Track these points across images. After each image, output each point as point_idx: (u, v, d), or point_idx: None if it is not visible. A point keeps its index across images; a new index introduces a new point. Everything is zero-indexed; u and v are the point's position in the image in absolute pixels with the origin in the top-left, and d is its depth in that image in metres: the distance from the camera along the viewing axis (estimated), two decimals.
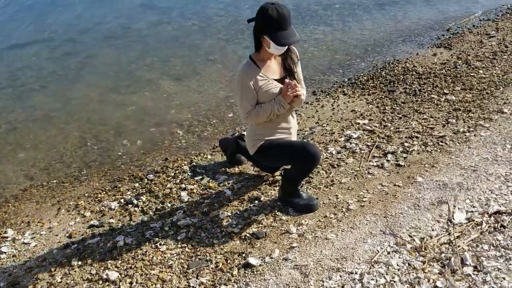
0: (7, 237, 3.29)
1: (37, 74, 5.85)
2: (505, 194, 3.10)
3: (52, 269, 2.87)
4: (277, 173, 3.62)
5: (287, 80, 2.96)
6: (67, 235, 3.24)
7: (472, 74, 5.09)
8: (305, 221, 3.11)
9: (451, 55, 5.73)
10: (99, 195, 3.69)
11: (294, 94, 2.94)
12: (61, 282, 2.76)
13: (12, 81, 5.71)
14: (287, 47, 2.87)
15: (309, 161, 2.99)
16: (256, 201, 3.36)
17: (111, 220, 3.34)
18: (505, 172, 3.33)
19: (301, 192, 3.26)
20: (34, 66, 6.06)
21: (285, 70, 3.05)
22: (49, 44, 6.79)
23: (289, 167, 3.21)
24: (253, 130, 3.18)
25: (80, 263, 2.91)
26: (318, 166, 3.72)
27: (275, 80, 3.00)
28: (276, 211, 3.24)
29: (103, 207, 3.51)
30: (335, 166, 3.72)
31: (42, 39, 6.96)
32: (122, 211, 3.45)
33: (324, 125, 4.42)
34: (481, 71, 5.15)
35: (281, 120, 3.11)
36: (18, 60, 6.24)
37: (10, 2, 8.72)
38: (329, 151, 3.94)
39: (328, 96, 5.03)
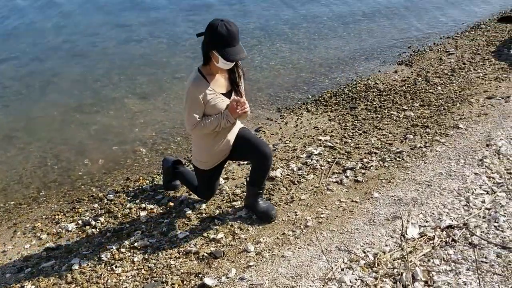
0: None
1: (0, 93, 5.76)
2: (457, 209, 3.18)
3: None
4: (239, 191, 3.64)
5: (235, 97, 3.07)
6: (22, 258, 3.18)
7: (430, 91, 5.24)
8: (263, 239, 3.12)
9: (411, 72, 5.88)
10: (57, 217, 3.63)
11: (242, 112, 3.05)
12: None
13: None
14: (234, 62, 2.97)
15: (261, 160, 3.17)
16: (216, 220, 3.36)
17: (68, 242, 3.30)
18: (458, 187, 3.42)
19: (263, 198, 3.38)
20: None
21: (231, 84, 3.15)
22: (14, 63, 6.70)
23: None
24: (198, 142, 3.27)
25: (33, 287, 2.85)
26: (279, 183, 3.75)
27: (222, 94, 3.09)
28: (235, 229, 3.25)
29: (60, 229, 3.46)
30: (296, 182, 3.76)
31: (8, 58, 6.86)
32: (80, 232, 3.40)
33: (287, 142, 4.47)
34: (439, 88, 5.30)
35: (227, 131, 3.21)
36: None
37: None
38: (290, 168, 3.97)
39: (292, 113, 5.09)
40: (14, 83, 6.04)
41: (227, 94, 3.10)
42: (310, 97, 5.50)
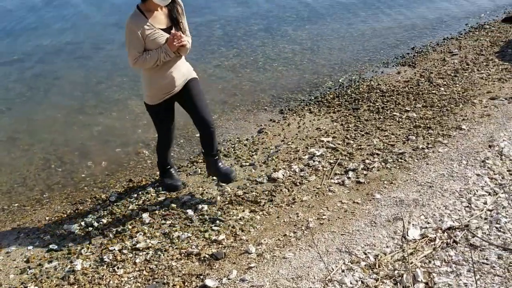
0: None
1: (4, 95, 5.80)
2: (458, 210, 3.17)
3: None
4: (241, 192, 3.65)
5: (173, 31, 3.22)
6: (25, 259, 3.20)
7: (433, 92, 5.23)
8: (265, 240, 3.13)
9: (415, 73, 5.87)
10: (60, 218, 3.66)
11: (179, 45, 3.20)
12: None
13: None
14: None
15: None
16: (218, 221, 3.37)
17: (70, 244, 3.31)
18: (460, 188, 3.41)
19: (222, 161, 3.64)
20: (1, 88, 6.01)
21: (171, 20, 3.29)
22: (19, 66, 6.74)
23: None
24: (143, 76, 3.45)
25: None
26: (281, 184, 3.76)
27: (162, 29, 3.24)
28: (237, 230, 3.26)
29: (63, 231, 3.48)
30: (298, 184, 3.77)
31: (12, 60, 6.91)
32: (82, 234, 3.42)
33: (290, 143, 4.48)
34: (442, 89, 5.29)
35: (169, 65, 3.34)
36: None
37: None
38: (292, 169, 3.98)
39: (295, 115, 5.10)
40: (18, 86, 6.08)
41: (167, 30, 3.24)
42: (312, 98, 5.50)
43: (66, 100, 5.65)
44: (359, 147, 4.24)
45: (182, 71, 3.45)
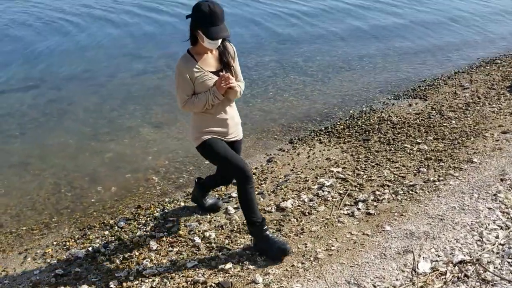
0: None
1: (18, 120, 5.89)
2: (470, 243, 3.12)
3: None
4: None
5: (221, 73, 3.13)
6: (31, 284, 3.18)
7: (444, 124, 5.22)
8: (272, 270, 3.09)
9: (426, 105, 5.88)
10: (68, 243, 3.65)
11: (227, 86, 3.11)
12: None
13: None
14: (220, 41, 3.08)
15: (240, 178, 3.17)
16: (225, 250, 3.35)
17: (77, 269, 3.29)
18: (471, 221, 3.36)
19: (271, 236, 3.27)
20: (16, 113, 6.11)
21: (221, 63, 3.23)
22: (34, 91, 6.87)
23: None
24: (193, 120, 3.34)
25: None
26: (290, 213, 3.74)
27: (211, 72, 3.17)
28: (244, 259, 3.22)
29: (70, 256, 3.47)
30: (307, 214, 3.74)
31: (28, 86, 7.04)
32: (89, 259, 3.40)
33: (299, 172, 4.47)
34: (453, 122, 5.28)
35: (219, 110, 3.26)
36: (1, 107, 6.29)
37: None
38: (301, 199, 3.96)
39: (304, 144, 5.10)
40: (32, 111, 6.18)
41: (217, 73, 3.18)
42: (323, 128, 5.51)
43: (79, 126, 5.72)
44: (369, 178, 4.22)
45: (235, 121, 3.35)
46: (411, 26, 9.85)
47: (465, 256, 2.99)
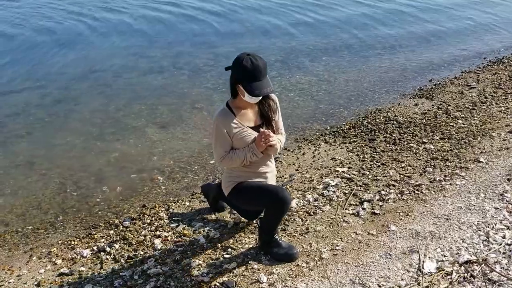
0: None
1: (24, 120, 5.92)
2: (476, 243, 3.09)
3: None
4: (255, 220, 3.61)
5: (261, 129, 3.00)
6: (36, 283, 3.19)
7: (451, 124, 5.18)
8: (277, 270, 3.08)
9: (432, 105, 5.84)
10: (73, 242, 3.66)
11: (267, 145, 2.97)
12: None
13: None
14: (260, 97, 2.94)
15: (278, 206, 2.99)
16: (230, 249, 3.34)
17: (82, 268, 3.30)
18: (477, 221, 3.33)
19: (280, 241, 3.23)
20: (23, 113, 6.14)
21: (262, 118, 3.10)
22: (40, 91, 6.89)
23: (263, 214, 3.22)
24: (229, 173, 3.22)
25: None
26: (294, 213, 3.72)
27: (251, 127, 3.05)
28: (248, 259, 3.22)
29: (75, 255, 3.48)
30: (311, 213, 3.72)
31: (34, 86, 7.07)
32: (94, 258, 3.41)
33: (304, 172, 4.45)
34: (460, 121, 5.24)
35: (257, 165, 3.14)
36: (7, 107, 6.32)
37: (1, 47, 8.92)
38: (306, 199, 3.94)
39: (309, 144, 5.08)
40: (38, 111, 6.20)
41: (257, 128, 3.05)
42: (328, 128, 5.49)
43: (85, 126, 5.74)
44: (375, 178, 4.19)
45: (275, 173, 3.27)
46: (416, 26, 9.80)
47: (471, 256, 2.96)
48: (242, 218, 3.69)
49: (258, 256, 3.23)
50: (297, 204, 3.86)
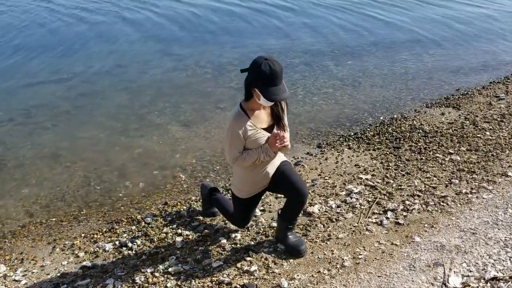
0: None
1: (50, 112, 6.01)
2: (503, 260, 3.03)
3: None
4: (275, 223, 3.60)
5: (275, 131, 3.07)
6: (59, 274, 3.23)
7: (478, 135, 5.09)
8: (298, 275, 3.06)
9: (459, 115, 5.74)
10: (95, 236, 3.69)
11: (281, 146, 3.05)
12: None
13: (26, 118, 5.87)
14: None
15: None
16: (250, 251, 3.33)
17: (104, 262, 3.33)
18: (505, 237, 3.26)
19: (294, 232, 3.36)
20: (49, 105, 6.23)
21: (273, 118, 3.15)
22: (66, 84, 6.99)
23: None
24: (238, 171, 3.28)
25: None
26: (316, 219, 3.70)
27: (263, 129, 3.10)
28: (269, 263, 3.20)
29: (97, 248, 3.51)
30: (334, 220, 3.69)
31: (60, 79, 7.18)
32: (116, 253, 3.44)
33: (327, 178, 4.42)
34: (487, 133, 5.14)
35: (266, 163, 3.19)
36: (34, 98, 6.42)
37: (32, 40, 9.07)
38: (328, 205, 3.91)
39: (333, 149, 5.05)
40: (64, 104, 6.28)
41: (269, 129, 3.11)
42: (352, 134, 5.44)
43: (109, 121, 5.79)
44: (399, 187, 4.14)
45: (275, 163, 3.27)
46: (445, 33, 9.65)
47: (498, 272, 2.90)
48: (263, 221, 3.69)
49: (279, 260, 3.22)
50: (319, 210, 3.83)
